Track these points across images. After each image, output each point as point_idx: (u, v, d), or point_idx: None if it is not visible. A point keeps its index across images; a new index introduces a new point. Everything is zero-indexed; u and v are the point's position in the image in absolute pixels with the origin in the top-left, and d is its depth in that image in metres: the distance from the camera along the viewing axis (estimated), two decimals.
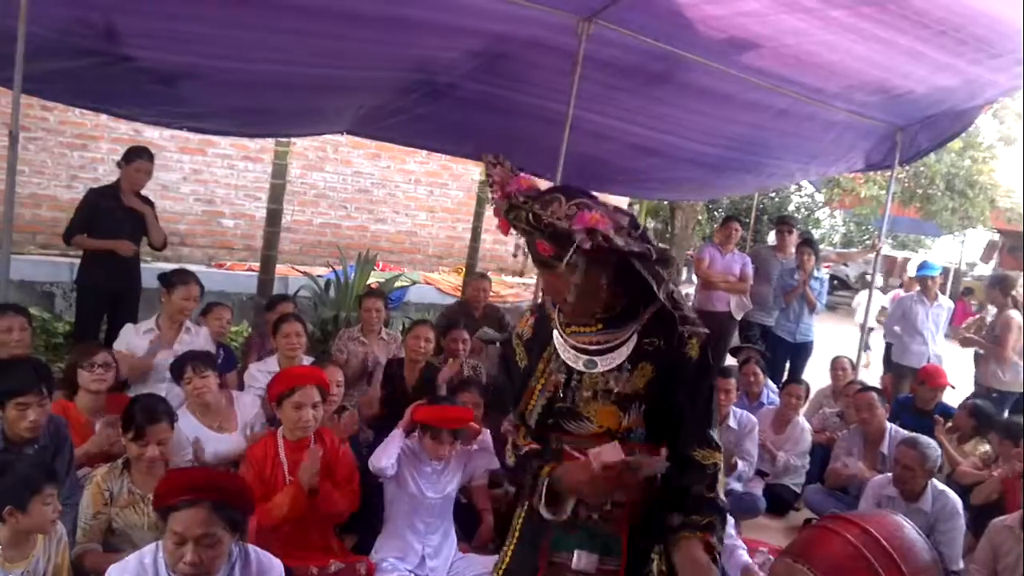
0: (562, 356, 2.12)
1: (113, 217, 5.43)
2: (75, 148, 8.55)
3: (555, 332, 2.14)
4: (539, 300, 2.08)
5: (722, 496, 2.10)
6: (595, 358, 2.09)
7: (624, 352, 2.09)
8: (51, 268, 7.35)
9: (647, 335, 2.09)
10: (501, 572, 2.23)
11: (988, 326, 6.98)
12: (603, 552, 2.09)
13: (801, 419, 5.71)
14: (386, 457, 3.72)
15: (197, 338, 4.69)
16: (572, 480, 2.02)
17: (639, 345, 2.09)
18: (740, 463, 5.06)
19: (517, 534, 2.24)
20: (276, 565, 2.66)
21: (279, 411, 3.60)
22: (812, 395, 6.60)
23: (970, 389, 6.94)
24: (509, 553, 2.24)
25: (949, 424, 5.58)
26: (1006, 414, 6.20)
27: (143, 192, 5.81)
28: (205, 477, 2.59)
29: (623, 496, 2.05)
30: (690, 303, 8.53)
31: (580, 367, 2.10)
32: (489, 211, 8.93)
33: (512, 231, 2.03)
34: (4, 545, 2.73)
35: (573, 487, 2.03)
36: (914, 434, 4.58)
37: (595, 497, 2.04)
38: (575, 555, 2.08)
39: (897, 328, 7.44)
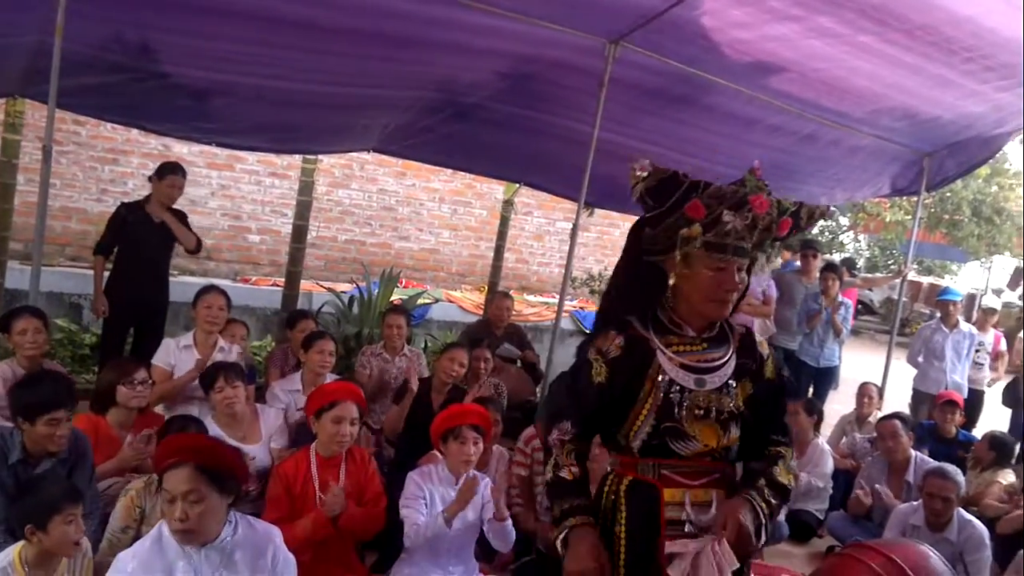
0: (670, 375, 2.13)
1: (141, 231, 5.50)
2: (106, 162, 8.68)
3: (659, 353, 2.15)
4: (628, 324, 2.18)
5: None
6: (704, 376, 2.15)
7: (727, 371, 2.18)
8: (80, 280, 7.42)
9: (740, 356, 2.21)
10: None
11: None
12: None
13: (821, 441, 5.64)
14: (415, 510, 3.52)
15: (230, 355, 4.73)
16: None
17: (737, 364, 2.19)
18: None
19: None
20: (275, 532, 2.72)
21: (316, 425, 3.59)
22: (836, 421, 6.54)
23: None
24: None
25: (970, 455, 5.51)
26: None
27: (175, 206, 5.88)
28: (191, 441, 2.70)
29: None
30: None
31: (691, 385, 2.13)
32: (511, 230, 8.95)
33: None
34: (30, 565, 2.73)
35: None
36: (940, 464, 4.52)
37: None
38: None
39: (920, 356, 7.37)
